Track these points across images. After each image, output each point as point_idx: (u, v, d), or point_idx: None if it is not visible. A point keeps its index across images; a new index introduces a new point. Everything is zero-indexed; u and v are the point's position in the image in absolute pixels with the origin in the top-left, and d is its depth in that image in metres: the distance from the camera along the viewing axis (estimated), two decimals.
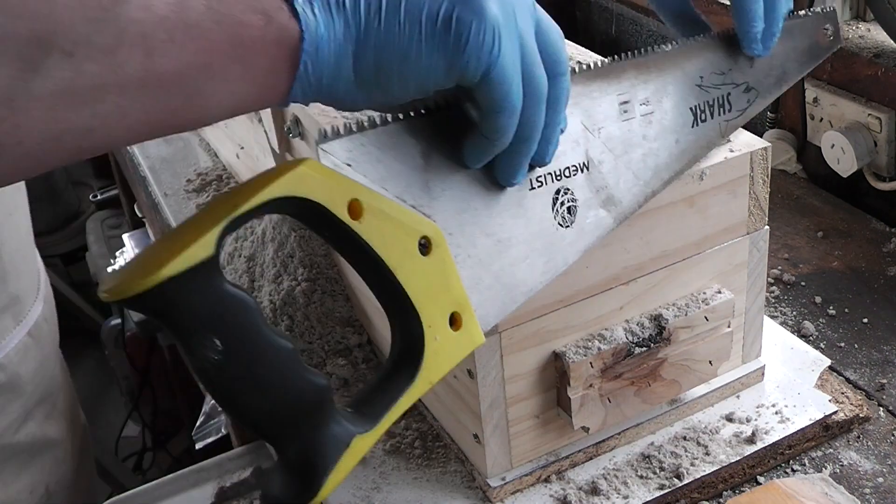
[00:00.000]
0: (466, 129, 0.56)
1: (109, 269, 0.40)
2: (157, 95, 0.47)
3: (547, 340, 0.77)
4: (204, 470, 1.43)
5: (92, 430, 1.47)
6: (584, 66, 0.67)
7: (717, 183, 0.78)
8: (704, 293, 0.82)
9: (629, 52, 0.68)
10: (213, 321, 0.45)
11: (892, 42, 1.12)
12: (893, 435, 0.86)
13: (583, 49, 1.00)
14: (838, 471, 0.83)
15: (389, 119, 0.56)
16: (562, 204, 0.62)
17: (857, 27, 1.20)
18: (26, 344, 1.18)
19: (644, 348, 0.79)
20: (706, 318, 0.81)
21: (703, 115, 0.70)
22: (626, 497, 0.80)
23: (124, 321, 2.06)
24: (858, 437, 0.86)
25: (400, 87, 0.53)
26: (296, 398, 0.47)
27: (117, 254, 1.98)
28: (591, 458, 0.83)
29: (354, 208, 0.49)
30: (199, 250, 0.44)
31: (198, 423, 1.65)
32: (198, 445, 1.64)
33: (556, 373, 0.78)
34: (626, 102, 0.66)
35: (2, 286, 1.15)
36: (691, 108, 0.70)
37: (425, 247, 0.52)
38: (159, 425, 2.21)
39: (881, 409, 0.89)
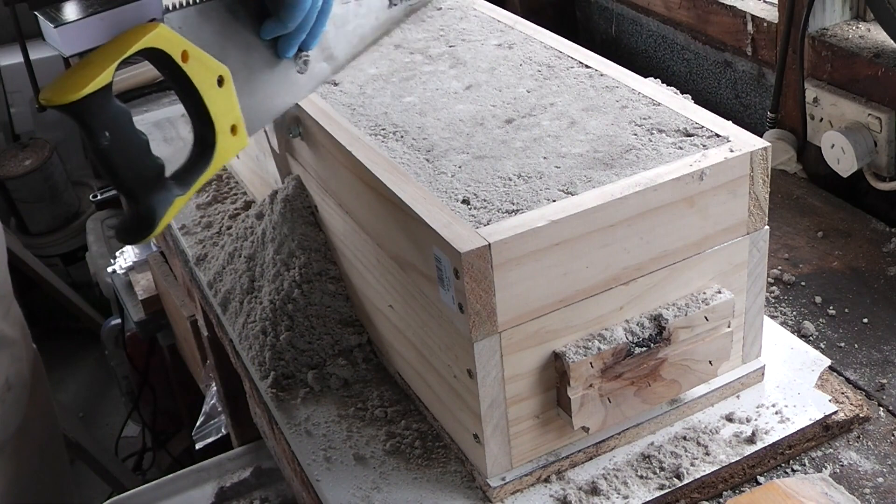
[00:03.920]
0: (264, 15, 0.85)
1: (45, 86, 0.64)
2: None
3: (547, 340, 0.77)
4: (204, 470, 1.43)
5: (92, 430, 1.48)
6: None
7: (717, 183, 0.78)
8: (704, 293, 0.82)
9: None
10: (107, 122, 0.71)
11: (892, 42, 1.12)
12: (893, 435, 0.86)
13: (582, 49, 1.00)
14: (838, 471, 0.83)
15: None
16: (300, 58, 0.91)
17: (857, 27, 1.20)
18: None
19: (644, 348, 0.79)
20: (706, 318, 0.81)
21: (395, 1, 1.07)
22: (626, 497, 0.80)
23: (124, 321, 2.05)
24: (858, 437, 0.86)
25: None
26: (146, 170, 0.76)
27: (117, 254, 1.98)
28: (591, 458, 0.84)
29: (184, 56, 0.77)
30: (104, 78, 0.70)
31: (198, 423, 1.65)
32: (198, 445, 1.64)
33: (556, 373, 0.78)
34: None
35: None
36: None
37: (220, 82, 0.80)
38: (159, 425, 2.20)
39: (881, 409, 0.89)
